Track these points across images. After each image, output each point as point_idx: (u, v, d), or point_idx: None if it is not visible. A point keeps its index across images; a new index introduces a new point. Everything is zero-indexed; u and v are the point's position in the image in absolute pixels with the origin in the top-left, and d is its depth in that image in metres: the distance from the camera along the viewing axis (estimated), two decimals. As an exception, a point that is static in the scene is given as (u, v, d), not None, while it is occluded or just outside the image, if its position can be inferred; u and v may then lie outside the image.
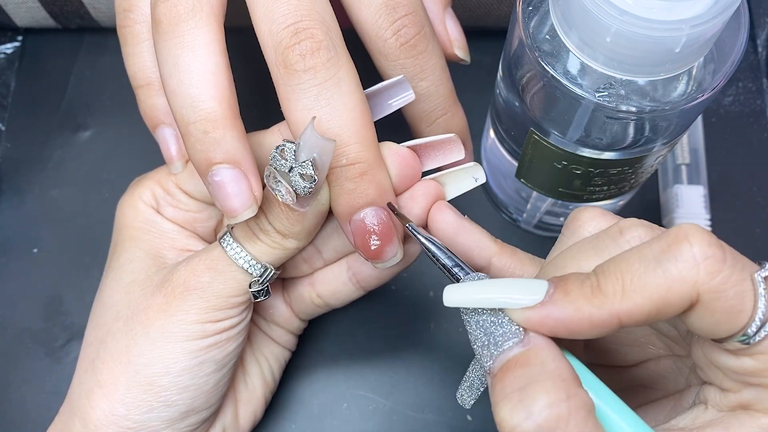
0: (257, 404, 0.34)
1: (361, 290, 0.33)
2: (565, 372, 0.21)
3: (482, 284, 0.23)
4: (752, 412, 0.21)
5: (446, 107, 0.30)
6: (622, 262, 0.21)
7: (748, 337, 0.20)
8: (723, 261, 0.20)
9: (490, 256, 0.27)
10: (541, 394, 0.20)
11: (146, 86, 0.31)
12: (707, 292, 0.20)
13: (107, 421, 0.28)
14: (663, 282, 0.20)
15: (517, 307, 0.22)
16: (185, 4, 0.25)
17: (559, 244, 0.26)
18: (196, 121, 0.25)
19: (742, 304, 0.20)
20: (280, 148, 0.25)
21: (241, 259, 0.28)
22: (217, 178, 0.26)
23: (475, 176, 0.29)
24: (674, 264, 0.20)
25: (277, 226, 0.27)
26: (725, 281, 0.20)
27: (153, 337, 0.28)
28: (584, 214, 0.25)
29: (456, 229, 0.28)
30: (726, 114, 0.44)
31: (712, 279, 0.20)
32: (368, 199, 0.26)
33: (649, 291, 0.20)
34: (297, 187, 0.25)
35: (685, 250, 0.20)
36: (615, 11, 0.24)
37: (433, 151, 0.29)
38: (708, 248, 0.20)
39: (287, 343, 0.36)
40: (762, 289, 0.20)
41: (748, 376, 0.21)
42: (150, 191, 0.32)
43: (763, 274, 0.21)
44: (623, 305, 0.20)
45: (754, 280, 0.20)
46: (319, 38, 0.25)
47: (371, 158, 0.26)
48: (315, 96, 0.25)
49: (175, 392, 0.28)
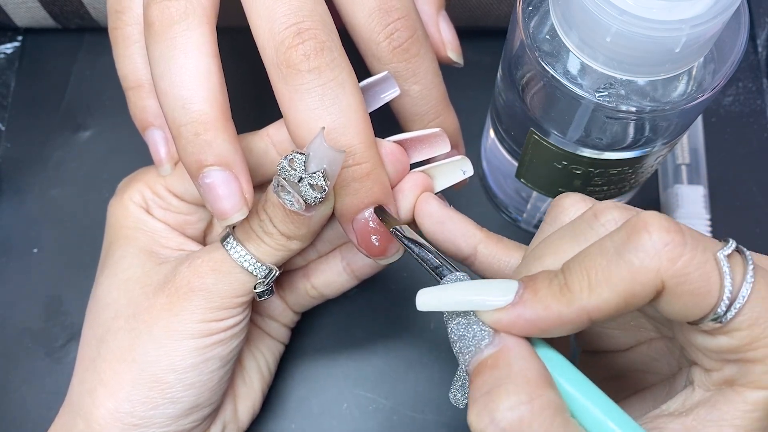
0: (255, 398, 0.34)
1: (355, 279, 0.33)
2: (531, 372, 0.21)
3: (453, 287, 0.23)
4: (737, 387, 0.21)
5: (439, 110, 0.30)
6: (586, 257, 0.21)
7: (719, 316, 0.20)
8: (683, 245, 0.20)
9: (475, 244, 0.27)
10: (503, 397, 0.20)
11: (137, 88, 0.31)
12: (671, 277, 0.20)
13: (112, 419, 0.28)
14: (626, 274, 0.20)
15: (487, 309, 0.22)
16: (177, 6, 0.25)
17: (541, 232, 0.26)
18: (188, 123, 0.25)
19: (708, 285, 0.20)
20: (289, 158, 0.25)
21: (246, 261, 0.28)
22: (208, 180, 0.26)
23: (463, 169, 0.30)
24: (635, 255, 0.20)
25: (282, 229, 0.27)
26: (687, 264, 0.20)
27: (157, 335, 0.28)
28: (566, 200, 0.25)
29: (441, 218, 0.28)
30: (726, 114, 0.44)
31: (674, 264, 0.20)
32: (374, 198, 0.27)
33: (614, 284, 0.20)
34: (307, 197, 0.25)
35: (645, 239, 0.20)
36: (615, 11, 0.24)
37: (419, 145, 0.29)
38: (666, 234, 0.20)
39: (281, 337, 0.36)
40: (726, 267, 0.20)
41: (727, 353, 0.21)
42: (139, 193, 0.32)
43: (726, 252, 0.20)
44: (591, 301, 0.20)
45: (718, 259, 0.20)
46: (322, 39, 0.25)
47: (375, 158, 0.26)
48: (320, 96, 0.25)
49: (181, 389, 0.29)
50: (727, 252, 0.20)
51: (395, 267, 0.32)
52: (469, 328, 0.22)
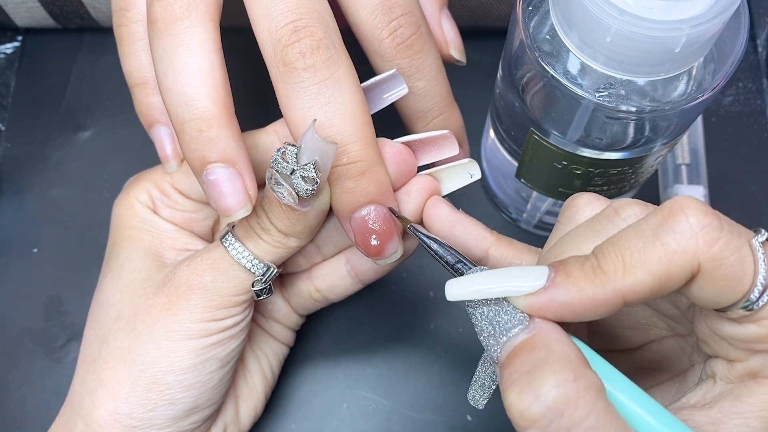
0: (257, 400, 0.34)
1: (359, 284, 0.33)
2: (572, 354, 0.20)
3: (483, 275, 0.23)
4: (761, 379, 0.21)
5: (442, 107, 0.30)
6: (620, 239, 0.21)
7: (750, 303, 0.20)
8: (720, 229, 0.20)
9: (486, 247, 0.27)
10: (549, 375, 0.20)
11: (142, 85, 0.31)
12: (707, 260, 0.20)
13: (111, 420, 0.28)
14: (663, 255, 0.20)
15: (520, 294, 0.22)
16: (180, 3, 0.25)
17: (556, 231, 0.26)
18: (191, 119, 0.25)
19: (742, 270, 0.20)
20: (281, 151, 0.25)
21: (244, 258, 0.28)
22: (212, 177, 0.26)
23: (471, 172, 0.29)
24: (672, 236, 0.20)
25: (278, 226, 0.27)
26: (724, 248, 0.20)
27: (157, 336, 0.28)
28: (579, 200, 0.25)
29: (452, 222, 0.28)
30: (726, 114, 0.44)
31: (711, 247, 0.20)
32: (369, 197, 0.27)
33: (650, 265, 0.20)
34: (299, 190, 0.25)
35: (682, 221, 0.20)
36: (615, 11, 0.24)
37: (428, 147, 0.29)
38: (704, 217, 0.20)
39: (285, 339, 0.36)
40: (761, 253, 0.20)
41: (754, 342, 0.21)
42: (146, 192, 0.32)
43: (760, 239, 0.21)
44: (626, 282, 0.20)
45: (753, 246, 0.20)
46: (318, 36, 0.25)
47: (371, 157, 0.26)
48: (315, 94, 0.25)
49: (180, 390, 0.29)
50: (762, 239, 0.21)
51: (396, 269, 0.32)
52: (497, 317, 0.22)
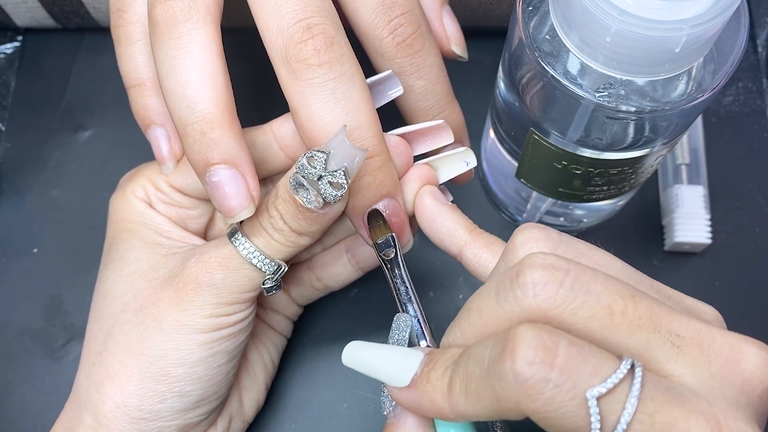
0: (260, 391, 0.35)
1: (359, 271, 0.33)
2: None
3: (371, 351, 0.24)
4: None
5: (443, 105, 0.30)
6: (468, 360, 0.20)
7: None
8: (545, 381, 0.18)
9: (460, 246, 0.27)
10: None
11: (138, 86, 0.31)
12: (532, 413, 0.18)
13: (119, 413, 0.28)
14: (493, 395, 0.19)
15: (389, 384, 0.23)
16: (182, 5, 0.25)
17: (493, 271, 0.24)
18: (194, 122, 0.25)
19: (574, 425, 0.18)
20: (308, 156, 0.25)
21: (255, 258, 0.28)
22: (215, 178, 0.26)
23: (467, 160, 0.30)
24: (497, 381, 0.19)
25: (293, 226, 0.27)
26: (547, 404, 0.18)
27: (166, 329, 0.28)
28: (517, 237, 0.23)
29: (432, 215, 0.28)
30: (726, 114, 0.44)
31: (533, 402, 0.18)
32: (384, 191, 0.27)
33: (485, 400, 0.20)
34: (326, 195, 0.25)
35: (507, 368, 0.18)
36: (615, 11, 0.24)
37: (422, 137, 0.30)
38: (529, 368, 0.18)
39: (284, 330, 0.36)
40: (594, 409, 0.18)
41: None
42: (141, 188, 0.32)
43: (596, 392, 0.18)
44: (467, 410, 0.20)
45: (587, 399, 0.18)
46: (331, 34, 0.25)
47: (386, 150, 0.27)
48: (331, 90, 0.25)
49: (189, 383, 0.29)
50: (599, 392, 0.18)
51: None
52: (383, 388, 0.24)
